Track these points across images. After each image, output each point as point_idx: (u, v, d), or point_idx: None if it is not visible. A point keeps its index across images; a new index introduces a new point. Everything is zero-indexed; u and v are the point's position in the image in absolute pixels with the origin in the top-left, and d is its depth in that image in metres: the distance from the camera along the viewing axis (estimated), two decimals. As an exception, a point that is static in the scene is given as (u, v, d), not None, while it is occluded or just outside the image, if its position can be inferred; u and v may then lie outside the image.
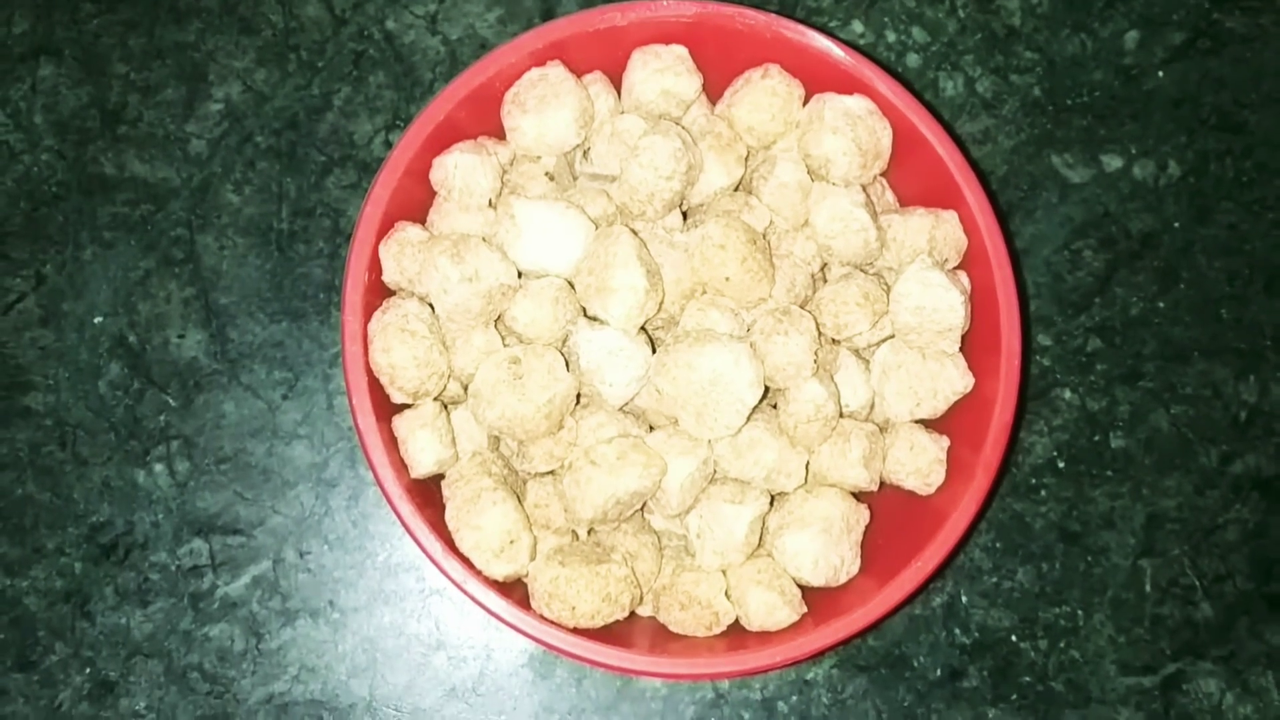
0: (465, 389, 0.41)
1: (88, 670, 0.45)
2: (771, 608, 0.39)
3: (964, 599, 0.48)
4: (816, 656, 0.44)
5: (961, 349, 0.41)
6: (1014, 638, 0.48)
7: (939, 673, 0.47)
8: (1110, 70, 0.52)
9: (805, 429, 0.38)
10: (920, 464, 0.40)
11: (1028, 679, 0.47)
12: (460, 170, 0.40)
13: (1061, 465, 0.49)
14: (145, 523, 0.46)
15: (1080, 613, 0.48)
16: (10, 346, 0.47)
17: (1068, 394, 0.50)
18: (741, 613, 0.40)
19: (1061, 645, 0.48)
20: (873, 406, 0.42)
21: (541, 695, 0.46)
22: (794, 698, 0.47)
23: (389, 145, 0.49)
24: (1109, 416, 0.49)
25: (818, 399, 0.38)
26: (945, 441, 0.41)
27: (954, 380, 0.40)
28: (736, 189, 0.42)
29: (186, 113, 0.49)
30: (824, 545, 0.39)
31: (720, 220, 0.39)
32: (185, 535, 0.46)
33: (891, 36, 0.52)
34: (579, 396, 0.40)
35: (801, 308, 0.41)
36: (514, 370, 0.38)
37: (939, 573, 0.40)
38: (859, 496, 0.41)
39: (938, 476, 0.41)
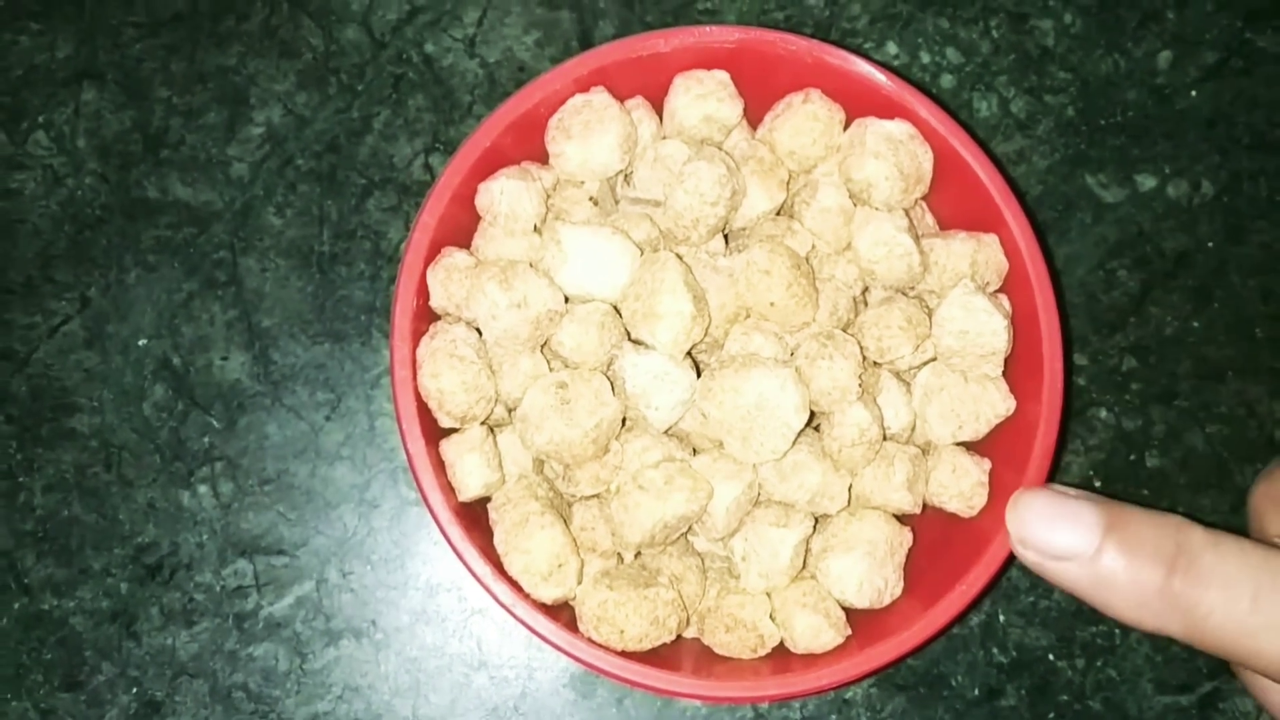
0: (510, 413, 0.41)
1: (134, 690, 0.45)
2: (817, 630, 0.39)
3: (1001, 618, 0.48)
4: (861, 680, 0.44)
5: (1003, 372, 0.41)
6: (1051, 657, 0.48)
7: (977, 692, 0.47)
8: (1143, 90, 0.52)
9: (850, 452, 0.39)
10: (963, 487, 0.41)
11: (1065, 698, 0.48)
12: (506, 196, 0.40)
13: (1098, 484, 0.49)
14: (190, 543, 0.46)
15: (1117, 632, 0.48)
16: (56, 369, 0.47)
17: (1103, 413, 0.50)
18: (787, 635, 0.40)
19: (1099, 664, 0.48)
20: (914, 429, 0.42)
21: (583, 715, 0.46)
22: (833, 717, 0.47)
23: (429, 168, 0.49)
24: (1144, 436, 0.50)
25: (862, 423, 0.39)
26: (987, 464, 0.41)
27: (996, 403, 0.41)
28: (779, 213, 0.43)
29: (228, 136, 0.49)
30: (868, 568, 0.39)
31: (764, 245, 0.39)
32: (230, 556, 0.46)
33: (926, 58, 0.52)
34: (624, 420, 0.40)
35: (844, 331, 0.41)
36: (561, 395, 0.38)
37: (985, 593, 0.40)
38: (901, 519, 0.41)
39: (980, 499, 0.41)
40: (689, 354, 0.41)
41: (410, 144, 0.50)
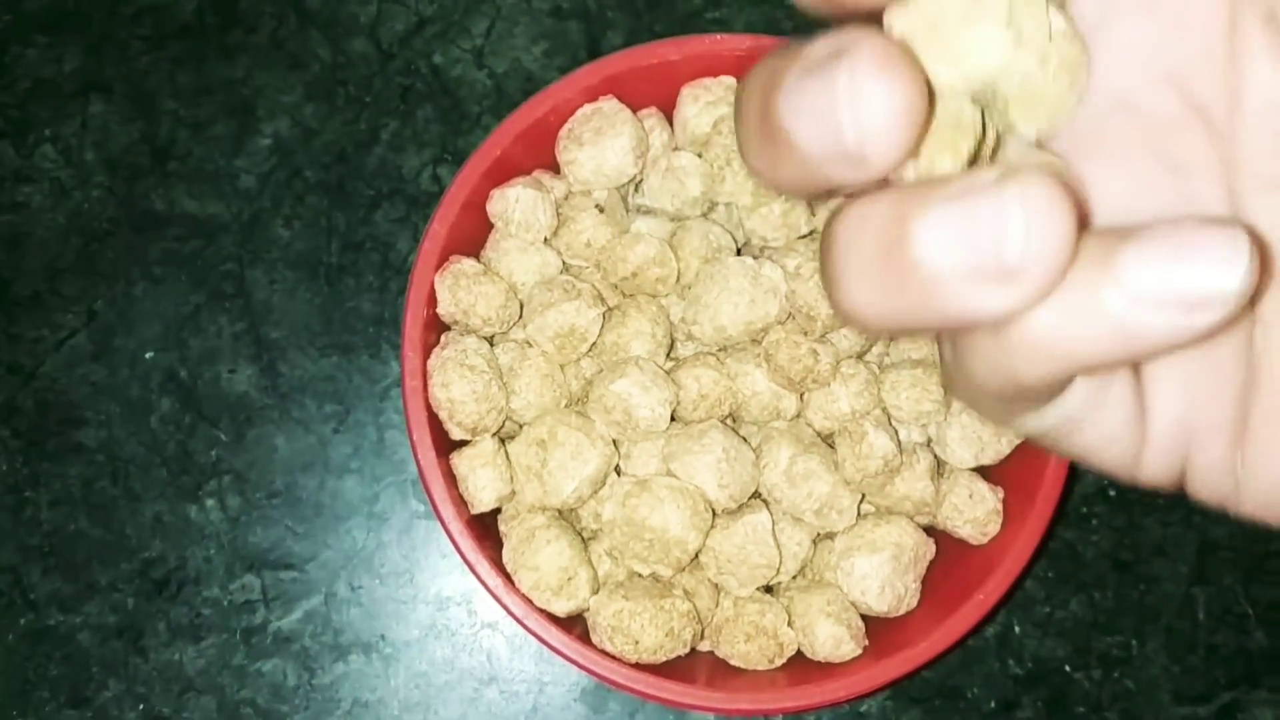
0: (520, 427, 0.41)
1: (141, 707, 0.45)
2: (838, 641, 0.39)
3: (1017, 629, 0.48)
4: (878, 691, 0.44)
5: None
6: (1068, 667, 0.47)
7: (993, 704, 0.47)
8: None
9: (870, 481, 0.38)
10: (978, 514, 0.40)
11: (1082, 709, 0.47)
12: (520, 204, 0.40)
13: (1112, 494, 0.49)
14: (197, 558, 0.46)
15: (1134, 642, 0.48)
16: (62, 383, 0.47)
17: (1117, 422, 0.49)
18: (805, 642, 0.39)
19: (1115, 675, 0.47)
20: (930, 444, 0.41)
21: (595, 729, 0.45)
22: (848, 730, 0.46)
23: (437, 179, 0.49)
24: (1159, 444, 0.49)
25: (887, 453, 0.38)
26: (1001, 492, 0.41)
27: (1015, 421, 0.40)
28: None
29: (236, 148, 0.49)
30: (892, 572, 0.39)
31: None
32: (237, 570, 0.46)
33: (934, 66, 0.52)
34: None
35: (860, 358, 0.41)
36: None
37: (1000, 606, 0.40)
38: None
39: (994, 527, 0.40)
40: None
41: (418, 155, 0.49)
